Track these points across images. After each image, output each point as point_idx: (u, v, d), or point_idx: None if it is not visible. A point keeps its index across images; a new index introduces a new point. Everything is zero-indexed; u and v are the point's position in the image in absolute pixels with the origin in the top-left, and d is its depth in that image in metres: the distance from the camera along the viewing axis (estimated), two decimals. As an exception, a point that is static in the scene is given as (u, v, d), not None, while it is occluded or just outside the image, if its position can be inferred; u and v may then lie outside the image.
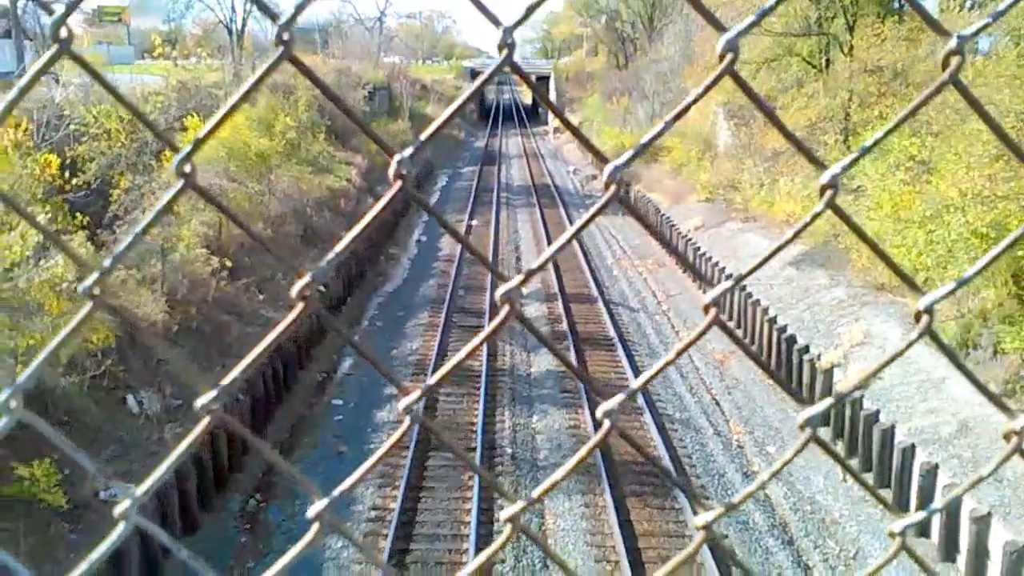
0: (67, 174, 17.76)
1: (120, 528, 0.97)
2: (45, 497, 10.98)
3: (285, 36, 0.90)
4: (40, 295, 12.59)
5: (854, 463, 14.45)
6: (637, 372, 18.28)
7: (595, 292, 23.91)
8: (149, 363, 15.01)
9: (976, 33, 0.93)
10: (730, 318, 21.48)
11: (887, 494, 13.32)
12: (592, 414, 15.57)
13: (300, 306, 0.95)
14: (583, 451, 1.00)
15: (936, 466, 12.60)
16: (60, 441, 0.98)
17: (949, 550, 11.69)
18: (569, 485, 13.43)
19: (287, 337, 14.30)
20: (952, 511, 11.68)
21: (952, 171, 17.31)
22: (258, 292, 19.12)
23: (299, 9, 0.93)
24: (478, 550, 11.78)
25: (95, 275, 0.92)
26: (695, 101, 0.97)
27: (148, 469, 1.02)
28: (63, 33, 0.89)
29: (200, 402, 0.95)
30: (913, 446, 13.17)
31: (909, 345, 1.02)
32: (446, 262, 27.03)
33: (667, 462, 14.23)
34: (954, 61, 0.91)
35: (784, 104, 27.82)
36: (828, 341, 17.42)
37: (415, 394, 0.97)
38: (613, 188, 0.95)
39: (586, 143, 1.08)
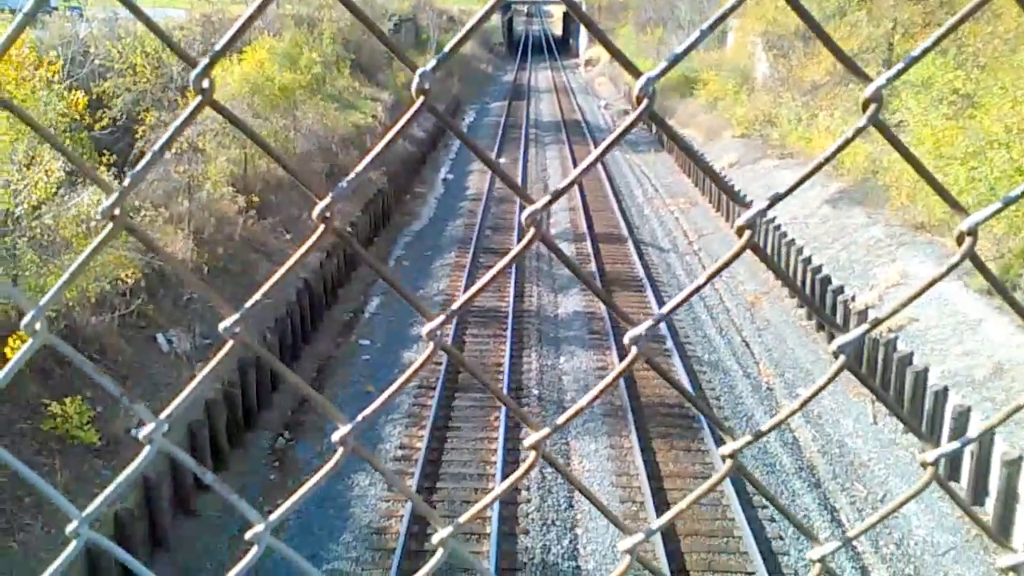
0: (94, 112, 17.68)
1: (146, 451, 1.00)
2: (78, 434, 11.16)
3: (204, 84, 0.89)
4: (67, 231, 12.61)
5: (882, 409, 14.25)
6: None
7: (625, 232, 23.58)
8: (179, 302, 15.08)
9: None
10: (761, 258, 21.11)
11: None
12: (620, 353, 15.45)
13: (321, 228, 0.95)
14: (609, 377, 1.00)
15: (969, 409, 12.36)
16: (85, 365, 1.01)
17: (979, 493, 11.54)
18: (596, 427, 13.39)
19: (314, 274, 14.25)
20: (983, 454, 11.51)
21: (998, 105, 16.64)
22: (285, 231, 19.07)
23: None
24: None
25: (114, 196, 0.94)
26: (737, 5, 0.91)
27: (179, 407, 1.01)
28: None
29: (224, 325, 0.96)
30: (946, 389, 12.92)
31: (951, 268, 0.98)
32: (473, 201, 26.77)
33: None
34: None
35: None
36: (863, 282, 17.04)
37: (439, 319, 0.96)
38: (646, 102, 0.90)
39: (617, 54, 1.02)
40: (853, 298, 16.50)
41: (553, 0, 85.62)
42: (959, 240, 1.00)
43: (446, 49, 0.97)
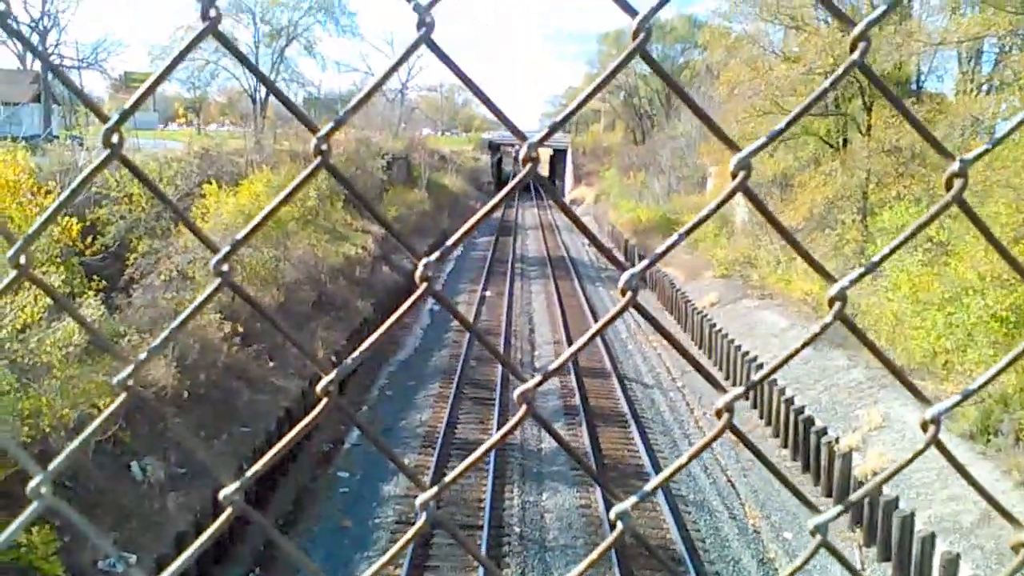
0: (85, 236, 17.93)
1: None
2: (42, 566, 10.71)
3: (324, 147, 0.98)
4: (49, 357, 12.53)
5: (872, 552, 13.97)
6: (651, 450, 17.92)
7: (609, 367, 23.65)
8: (155, 429, 14.83)
9: (977, 158, 0.98)
10: (746, 398, 21.10)
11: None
12: (604, 496, 15.19)
13: (324, 401, 0.99)
14: (595, 554, 1.02)
15: (958, 556, 12.14)
16: (86, 527, 1.05)
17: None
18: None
19: (295, 403, 14.10)
20: None
21: (971, 253, 17.18)
22: (268, 359, 19.01)
23: (338, 124, 1.01)
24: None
25: (129, 368, 1.00)
26: (708, 216, 1.04)
27: (148, 537, 1.03)
28: (115, 139, 0.95)
29: (224, 492, 0.99)
30: (933, 535, 12.72)
31: (915, 456, 1.06)
32: (458, 332, 26.90)
33: (680, 546, 13.80)
34: (957, 183, 0.96)
35: (801, 182, 27.92)
36: (846, 424, 17.05)
37: (431, 491, 0.98)
38: (628, 296, 0.99)
39: (606, 252, 1.12)
40: (837, 440, 16.45)
41: (542, 143, 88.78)
42: (923, 427, 1.06)
43: (448, 243, 1.09)
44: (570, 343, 24.90)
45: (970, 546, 12.32)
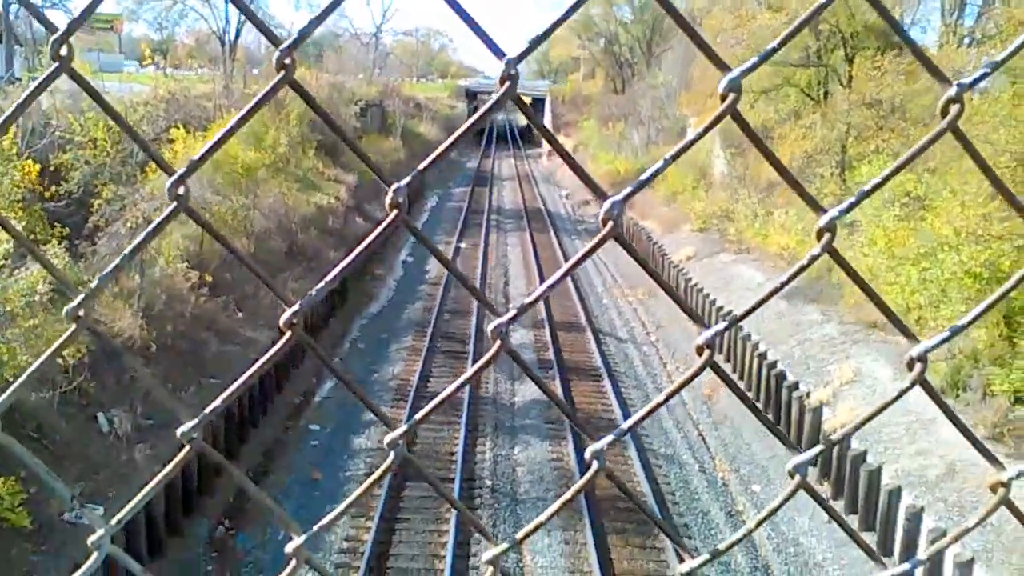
0: (48, 182, 17.41)
1: (93, 558, 1.01)
2: (8, 516, 10.62)
3: (287, 61, 0.91)
4: (12, 305, 12.21)
5: (839, 504, 14.12)
6: (624, 404, 17.93)
7: (583, 321, 23.58)
8: (122, 380, 14.57)
9: (975, 82, 0.94)
10: (719, 351, 21.19)
11: (871, 537, 12.97)
12: (577, 449, 15.20)
13: (287, 335, 0.96)
14: (569, 493, 1.02)
15: (922, 509, 12.30)
16: (37, 466, 1.03)
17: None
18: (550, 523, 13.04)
19: (264, 355, 14.02)
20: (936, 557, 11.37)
21: (947, 208, 17.13)
22: (237, 309, 18.72)
23: (303, 36, 0.95)
24: (452, 588, 11.35)
25: (80, 297, 0.97)
26: (696, 139, 0.99)
27: (116, 489, 0.88)
28: (64, 51, 0.91)
29: (181, 430, 0.97)
30: (899, 488, 12.86)
31: (901, 394, 1.03)
32: (432, 285, 26.70)
33: (651, 499, 13.86)
34: (953, 109, 0.92)
35: (781, 135, 27.68)
36: (818, 378, 17.11)
37: (401, 428, 0.98)
38: (610, 225, 0.96)
39: (586, 179, 1.07)
40: (808, 394, 16.52)
41: (521, 59, 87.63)
42: (909, 365, 1.03)
43: (419, 168, 1.03)
44: (546, 298, 24.81)
45: (934, 499, 12.46)
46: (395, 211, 0.96)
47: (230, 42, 40.31)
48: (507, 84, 0.93)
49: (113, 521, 1.01)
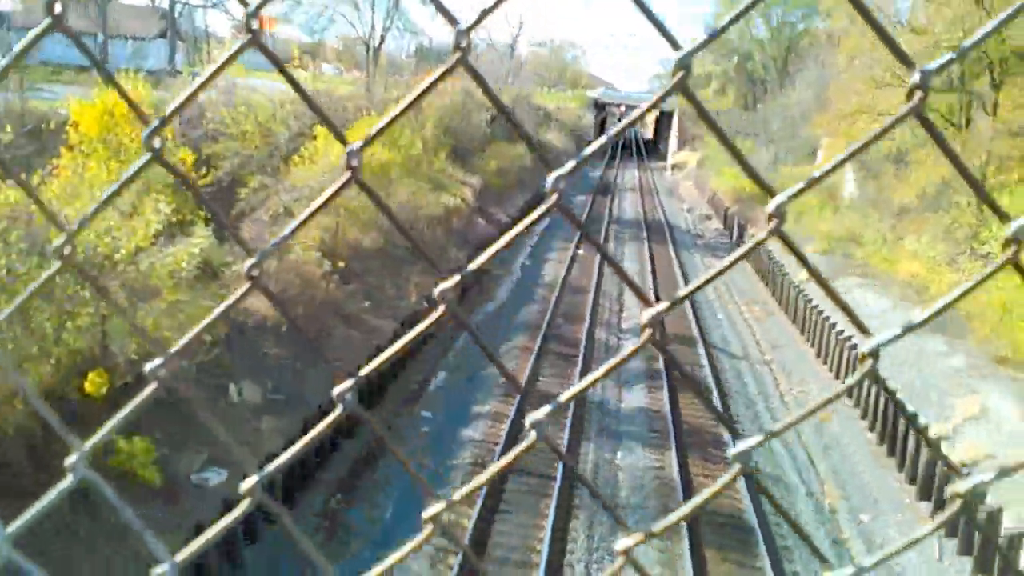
0: (202, 169, 18.80)
1: (245, 504, 1.04)
2: (141, 472, 11.51)
3: (463, 43, 0.91)
4: (158, 280, 13.27)
5: (952, 543, 13.63)
6: (732, 420, 17.82)
7: (696, 334, 23.48)
8: (254, 356, 15.62)
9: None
10: (836, 376, 20.73)
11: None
12: (679, 461, 15.28)
13: (440, 308, 0.98)
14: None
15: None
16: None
17: None
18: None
19: (387, 342, 14.64)
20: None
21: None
22: (364, 298, 19.65)
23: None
24: None
25: (257, 256, 1.00)
26: (876, 139, 0.92)
27: (239, 457, 1.11)
28: (254, 24, 0.95)
29: (336, 391, 0.99)
30: (1021, 535, 12.33)
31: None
32: (547, 288, 27.12)
33: (752, 518, 13.82)
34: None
35: (917, 159, 26.75)
36: (938, 412, 16.54)
37: (546, 409, 0.95)
38: (776, 221, 0.92)
39: (750, 171, 1.00)
40: (927, 428, 16.00)
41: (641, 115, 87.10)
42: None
43: (583, 154, 0.97)
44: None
45: (1058, 546, 11.92)
46: (556, 195, 0.95)
47: (374, 48, 42.09)
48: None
49: (265, 471, 1.03)
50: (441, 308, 0.97)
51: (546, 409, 0.97)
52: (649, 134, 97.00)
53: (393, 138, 27.02)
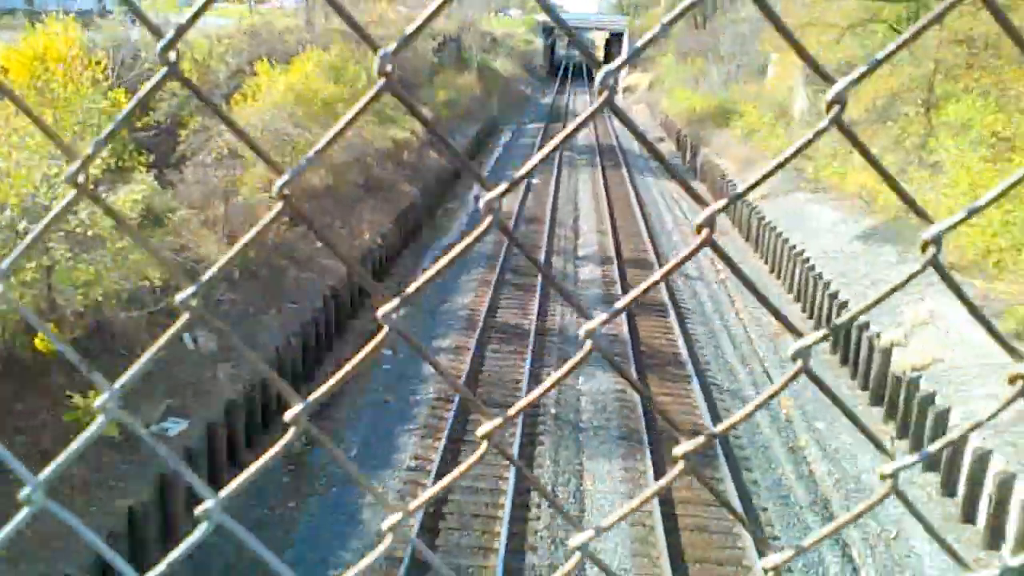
0: (139, 113, 18.14)
1: (100, 420, 1.04)
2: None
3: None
4: (102, 229, 12.88)
5: (904, 444, 14.11)
6: (689, 338, 18.07)
7: (652, 257, 23.62)
8: (208, 303, 15.32)
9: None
10: (790, 290, 21.04)
11: (934, 477, 12.96)
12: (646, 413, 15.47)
13: (280, 204, 0.97)
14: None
15: (989, 452, 12.21)
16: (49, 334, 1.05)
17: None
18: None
19: (340, 281, 14.38)
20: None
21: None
22: (315, 239, 19.35)
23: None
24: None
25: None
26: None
27: (199, 405, 1.09)
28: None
29: (180, 297, 0.99)
30: (965, 434, 12.75)
31: (912, 276, 1.01)
32: (503, 218, 26.99)
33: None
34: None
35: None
36: (890, 319, 16.90)
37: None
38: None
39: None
40: (879, 335, 16.36)
41: (597, 26, 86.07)
42: (923, 248, 1.00)
43: (407, 32, 0.96)
44: (616, 235, 24.85)
45: (1003, 443, 12.35)
46: (383, 79, 0.92)
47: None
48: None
49: (116, 384, 1.02)
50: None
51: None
52: (600, 56, 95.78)
53: (337, 71, 26.33)
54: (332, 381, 1.03)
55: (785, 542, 11.48)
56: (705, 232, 0.94)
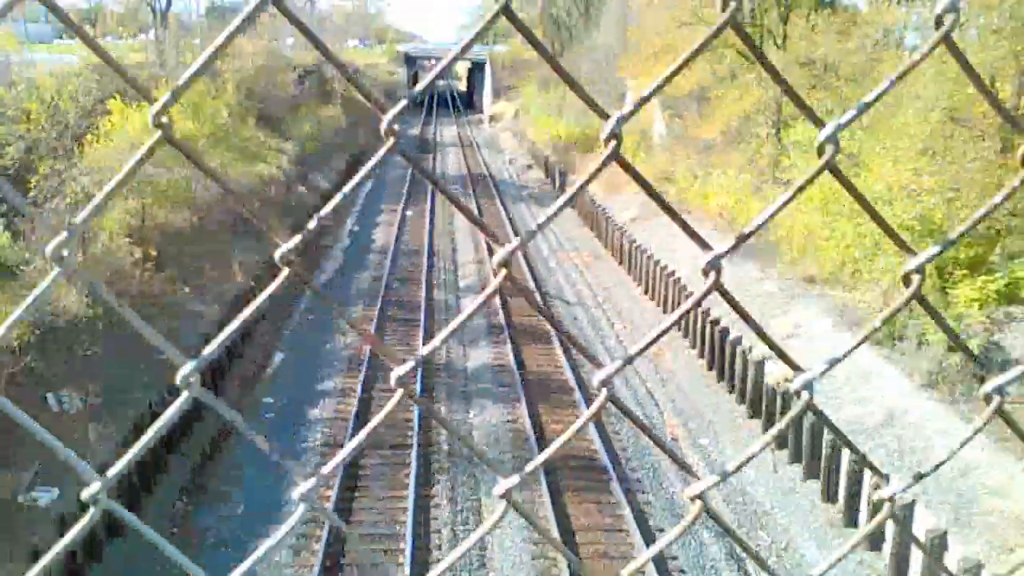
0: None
1: (91, 512, 0.99)
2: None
3: (163, 119, 0.89)
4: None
5: (784, 454, 14.72)
6: (574, 366, 18.31)
7: (532, 285, 23.86)
8: (71, 359, 14.40)
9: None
10: (664, 309, 21.69)
11: (815, 484, 13.59)
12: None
13: (285, 271, 0.95)
14: (579, 423, 1.05)
15: (863, 455, 12.87)
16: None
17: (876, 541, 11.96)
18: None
19: (216, 328, 13.81)
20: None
21: (880, 164, 17.72)
22: (184, 283, 18.51)
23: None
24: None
25: (63, 236, 0.92)
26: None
27: (71, 469, 1.01)
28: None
29: (181, 373, 0.96)
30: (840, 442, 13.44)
31: (906, 302, 1.06)
32: (379, 254, 26.67)
33: (603, 454, 14.30)
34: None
35: (718, 96, 28.12)
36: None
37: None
38: (614, 143, 0.98)
39: (584, 96, 1.04)
40: (751, 348, 17.07)
41: (459, 57, 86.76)
42: (905, 280, 1.05)
43: (416, 89, 1.02)
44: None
45: (876, 445, 13.08)
46: (392, 138, 0.95)
47: (161, 10, 39.13)
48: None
49: (109, 473, 0.99)
50: (285, 271, 0.94)
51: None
52: (463, 86, 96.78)
53: (196, 107, 25.41)
54: (225, 333, 1.08)
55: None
56: (712, 276, 1.00)
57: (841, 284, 17.98)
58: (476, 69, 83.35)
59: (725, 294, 1.02)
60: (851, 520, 12.48)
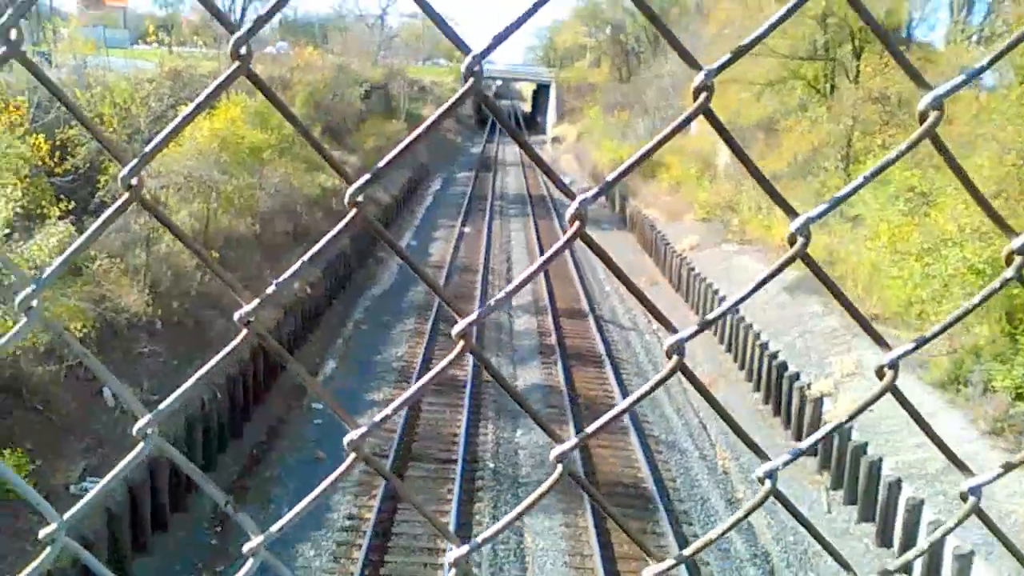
0: (59, 157, 17.45)
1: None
2: (12, 487, 10.66)
3: (242, 50, 0.87)
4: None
5: (839, 495, 14.25)
6: (624, 391, 18.05)
7: (586, 307, 23.67)
8: (129, 356, 14.66)
9: (952, 91, 0.92)
10: (721, 340, 21.28)
11: (871, 528, 13.11)
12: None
13: (353, 211, 0.97)
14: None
15: (922, 502, 12.39)
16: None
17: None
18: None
19: (269, 333, 14.01)
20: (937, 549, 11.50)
21: (951, 205, 17.17)
22: (243, 288, 18.77)
23: (258, 23, 0.89)
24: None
25: (31, 287, 0.94)
26: (665, 139, 0.97)
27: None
28: (12, 35, 0.88)
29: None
30: (899, 480, 12.96)
31: (871, 400, 1.05)
32: (435, 268, 26.76)
33: (651, 484, 14.01)
34: (932, 115, 0.91)
35: (786, 127, 27.72)
36: (819, 370, 17.21)
37: (361, 430, 1.02)
38: (577, 224, 0.98)
39: (557, 181, 1.07)
40: (809, 385, 16.62)
41: (525, 78, 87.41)
42: (879, 374, 1.04)
43: (379, 165, 0.99)
44: (549, 282, 24.85)
45: (934, 492, 12.57)
46: (354, 210, 0.95)
47: (236, 21, 40.16)
48: (471, 80, 0.89)
49: (66, 516, 1.02)
50: (244, 332, 0.99)
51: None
52: (527, 108, 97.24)
53: (263, 118, 25.87)
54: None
55: None
56: (675, 359, 0.98)
57: (906, 325, 17.42)
58: (541, 90, 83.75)
59: (692, 379, 1.00)
60: (906, 567, 11.98)
